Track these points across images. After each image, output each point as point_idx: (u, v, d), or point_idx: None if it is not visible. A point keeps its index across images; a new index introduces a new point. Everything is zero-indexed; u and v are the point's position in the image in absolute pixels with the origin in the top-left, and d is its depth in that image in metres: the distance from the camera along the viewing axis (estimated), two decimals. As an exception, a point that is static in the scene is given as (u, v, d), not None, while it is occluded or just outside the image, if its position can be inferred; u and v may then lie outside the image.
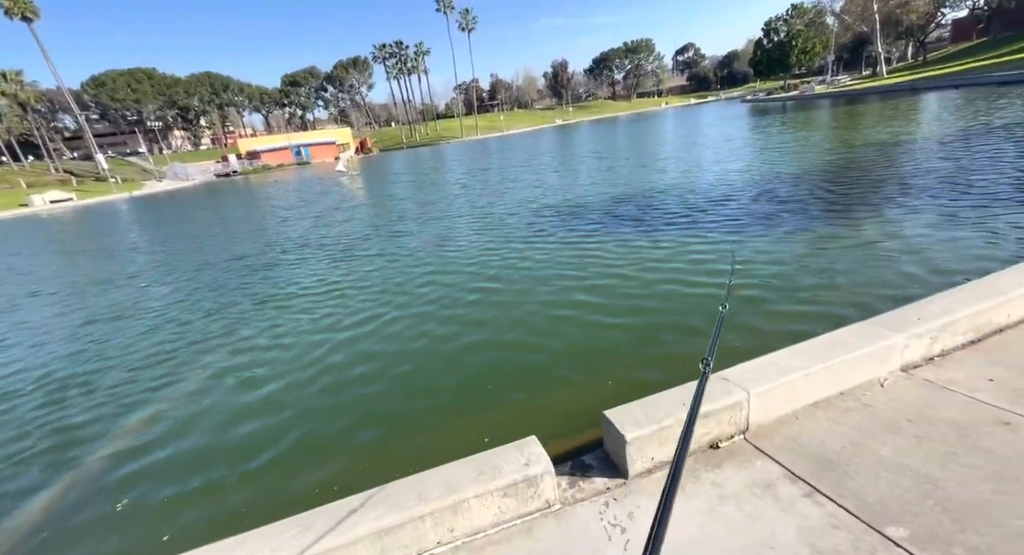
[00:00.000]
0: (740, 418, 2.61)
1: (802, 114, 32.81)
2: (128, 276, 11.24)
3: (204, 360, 5.81)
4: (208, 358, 5.85)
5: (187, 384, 5.29)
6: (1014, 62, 36.52)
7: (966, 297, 3.18)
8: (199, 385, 5.20)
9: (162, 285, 9.92)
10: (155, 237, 18.18)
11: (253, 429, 4.29)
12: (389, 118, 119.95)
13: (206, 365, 5.66)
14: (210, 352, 6.02)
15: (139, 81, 77.23)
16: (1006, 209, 7.02)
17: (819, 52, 69.64)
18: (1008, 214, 6.79)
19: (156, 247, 15.48)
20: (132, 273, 11.53)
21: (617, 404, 3.70)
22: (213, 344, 6.28)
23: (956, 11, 62.41)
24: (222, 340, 6.38)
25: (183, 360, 5.93)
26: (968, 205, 7.48)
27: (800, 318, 4.69)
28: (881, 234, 6.77)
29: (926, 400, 2.63)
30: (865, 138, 16.65)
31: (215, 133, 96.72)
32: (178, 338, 6.69)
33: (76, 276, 12.10)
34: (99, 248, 16.71)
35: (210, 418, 4.55)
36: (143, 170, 66.09)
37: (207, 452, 4.07)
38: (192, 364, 5.76)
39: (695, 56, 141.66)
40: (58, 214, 36.49)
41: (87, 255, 15.48)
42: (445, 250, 9.48)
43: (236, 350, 5.98)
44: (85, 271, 12.62)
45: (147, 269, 11.84)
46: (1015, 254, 5.46)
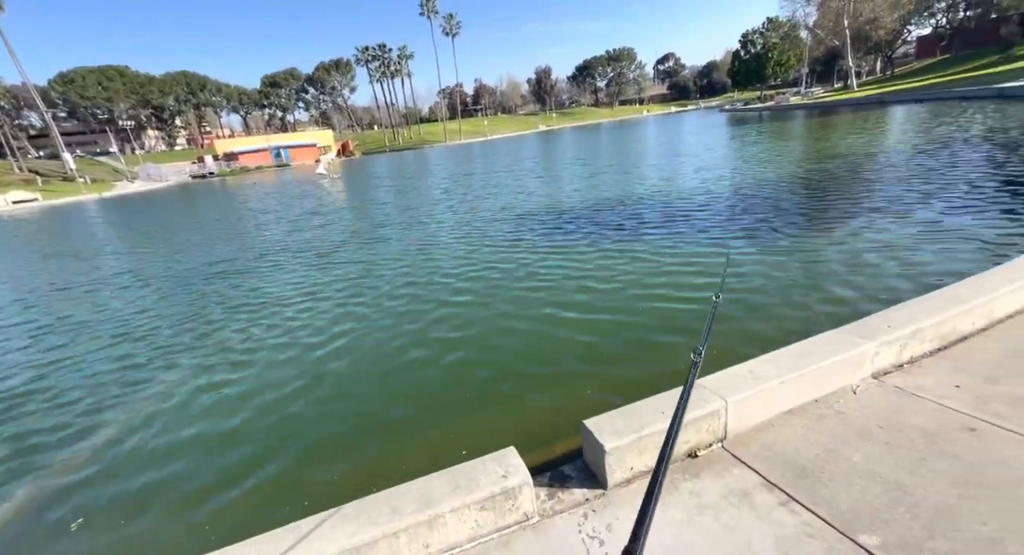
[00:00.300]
0: (718, 426, 2.63)
1: (778, 124, 33.78)
2: (91, 281, 10.81)
3: (169, 371, 5.58)
4: (174, 369, 5.63)
5: (150, 396, 5.08)
6: (973, 79, 38.38)
7: (932, 306, 3.28)
8: (163, 398, 4.99)
9: (128, 290, 9.56)
10: (123, 240, 17.56)
11: (218, 443, 4.13)
12: (372, 121, 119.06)
13: (171, 376, 5.45)
14: (176, 363, 5.80)
15: (110, 79, 74.95)
16: (973, 219, 7.31)
17: (794, 64, 72.04)
18: (974, 223, 7.07)
19: (123, 250, 14.95)
20: (96, 278, 11.09)
21: (597, 412, 3.69)
22: (180, 354, 6.06)
23: (921, 29, 65.41)
24: (190, 349, 6.16)
25: (147, 371, 5.70)
26: (936, 214, 7.77)
27: (775, 325, 4.78)
28: (854, 242, 6.97)
29: (896, 407, 2.69)
30: (839, 149, 17.21)
31: (191, 133, 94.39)
32: (143, 348, 6.43)
33: (34, 281, 11.58)
34: (62, 251, 16.05)
35: (173, 432, 4.37)
36: (114, 170, 63.99)
37: (168, 466, 3.91)
38: (156, 376, 5.54)
39: (675, 65, 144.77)
40: (20, 215, 34.97)
41: (49, 258, 14.84)
42: (424, 257, 9.37)
43: (205, 360, 5.78)
44: (45, 275, 12.09)
45: (112, 274, 11.40)
46: (976, 261, 5.68)
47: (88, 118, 78.00)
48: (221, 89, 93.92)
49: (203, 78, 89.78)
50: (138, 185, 55.15)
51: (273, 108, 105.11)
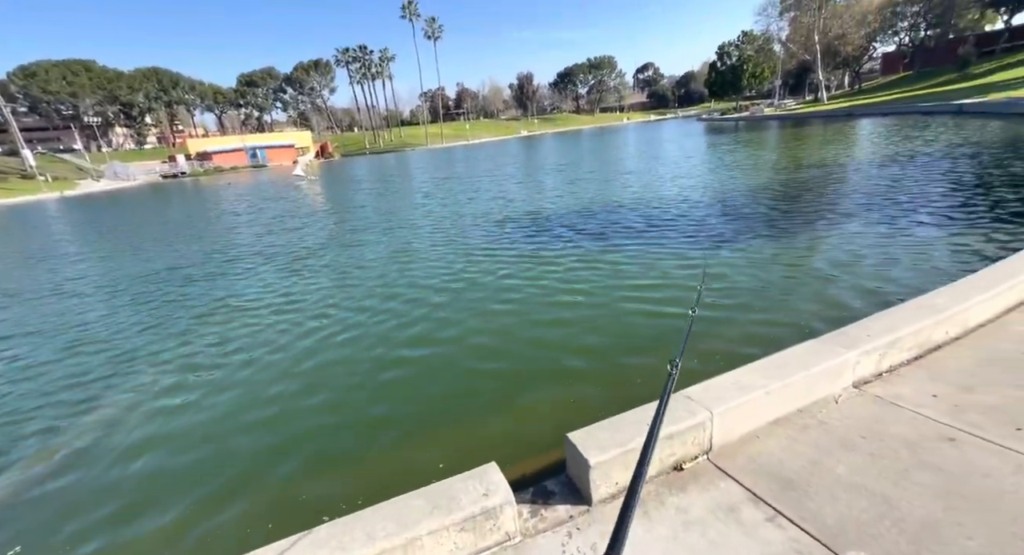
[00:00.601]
0: (703, 438, 2.58)
1: (754, 133, 34.74)
2: (47, 285, 10.24)
3: (129, 383, 5.27)
4: (134, 381, 5.31)
5: (108, 409, 4.78)
6: (934, 95, 40.32)
7: (909, 315, 3.32)
8: (121, 411, 4.70)
9: (87, 296, 9.08)
10: (82, 241, 16.77)
11: (180, 460, 3.90)
12: (352, 123, 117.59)
13: (132, 388, 5.14)
14: (137, 373, 5.48)
15: (76, 73, 72.06)
16: (944, 228, 7.56)
17: (767, 77, 74.40)
18: (948, 232, 7.30)
19: (82, 253, 14.23)
20: (52, 282, 10.52)
21: (580, 423, 3.59)
22: (142, 364, 5.74)
23: (885, 46, 68.44)
24: (153, 359, 5.84)
25: (107, 381, 5.37)
26: (911, 223, 8.02)
27: (758, 334, 4.79)
28: (832, 250, 7.13)
29: (877, 416, 2.69)
30: (814, 159, 17.74)
31: (162, 132, 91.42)
32: (99, 359, 6.04)
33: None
34: (12, 253, 15.21)
35: (130, 448, 4.10)
36: (78, 168, 61.37)
37: (122, 487, 3.66)
38: (117, 386, 5.23)
39: (654, 75, 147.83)
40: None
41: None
42: (401, 264, 9.13)
43: (167, 371, 5.47)
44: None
45: (70, 277, 10.83)
46: (951, 269, 5.86)
47: (51, 114, 74.68)
48: (195, 87, 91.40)
49: (175, 75, 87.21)
50: (104, 184, 53.01)
51: (249, 108, 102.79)
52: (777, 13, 63.40)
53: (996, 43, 53.90)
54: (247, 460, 3.79)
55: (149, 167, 63.39)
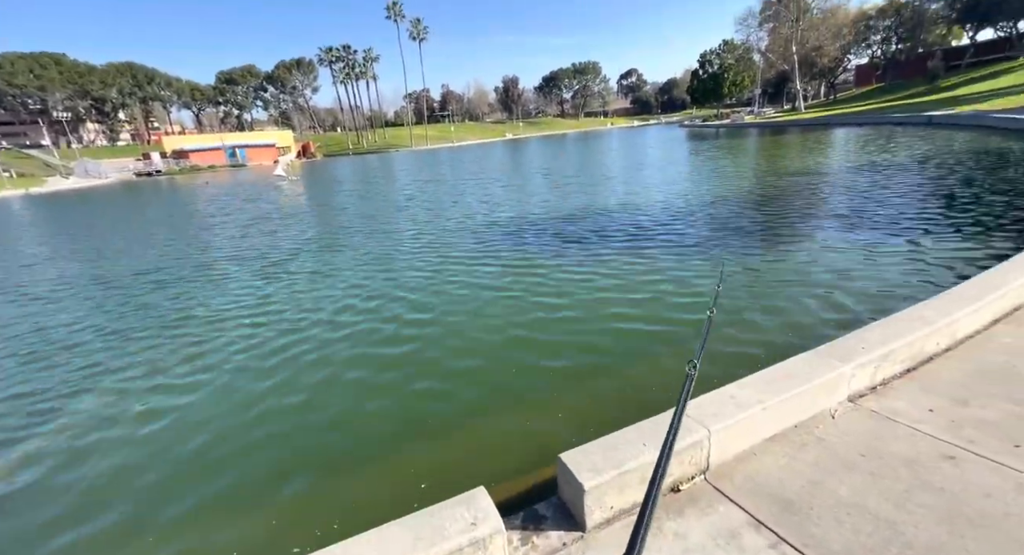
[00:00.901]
0: (701, 457, 2.48)
1: (735, 141, 35.38)
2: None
3: (87, 398, 4.92)
4: (93, 395, 4.96)
5: (66, 422, 4.47)
6: (905, 106, 41.76)
7: (901, 327, 3.29)
8: (83, 425, 4.40)
9: (48, 302, 8.61)
10: (43, 242, 16.04)
11: (145, 480, 3.64)
12: (335, 123, 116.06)
13: (93, 401, 4.82)
14: (98, 387, 5.13)
15: (44, 66, 69.45)
16: (935, 235, 7.67)
17: (748, 85, 76.14)
18: (934, 240, 7.41)
19: (45, 254, 13.57)
20: (5, 286, 9.95)
21: (571, 439, 3.46)
22: (104, 375, 5.40)
23: (859, 58, 70.76)
24: (117, 370, 5.51)
25: (60, 399, 5.01)
26: (893, 230, 8.15)
27: (751, 343, 4.73)
28: (819, 257, 7.18)
29: (875, 432, 2.63)
30: (795, 166, 18.09)
31: (136, 128, 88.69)
32: (63, 367, 5.70)
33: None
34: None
35: (92, 466, 3.82)
36: (46, 165, 59.04)
37: (83, 510, 3.39)
38: (77, 398, 4.90)
39: (638, 81, 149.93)
40: (-68, 211, 31.43)
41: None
42: (383, 271, 8.76)
43: (132, 383, 5.16)
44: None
45: (28, 281, 10.26)
46: (939, 277, 5.94)
47: (17, 108, 71.70)
48: (171, 83, 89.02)
49: (151, 70, 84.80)
50: (73, 182, 51.07)
51: (229, 106, 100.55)
52: (757, 23, 65.00)
53: (962, 58, 56.23)
54: (210, 484, 3.55)
55: (122, 165, 61.35)
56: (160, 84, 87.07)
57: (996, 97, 33.89)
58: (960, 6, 53.20)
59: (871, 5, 62.75)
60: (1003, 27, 54.04)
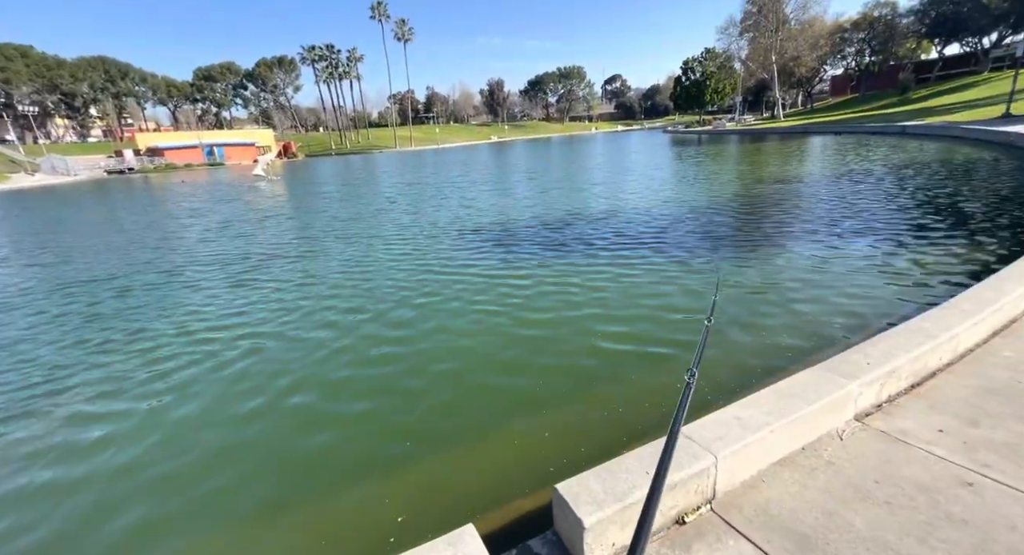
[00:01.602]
0: (707, 486, 2.30)
1: (716, 147, 35.90)
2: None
3: (32, 420, 4.52)
4: (34, 419, 4.55)
5: (11, 443, 4.08)
6: (879, 116, 43.09)
7: (904, 340, 3.19)
8: (28, 450, 4.02)
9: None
10: (15, 240, 15.16)
11: (78, 508, 3.30)
12: (318, 123, 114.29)
13: (38, 423, 4.41)
14: (36, 410, 4.71)
15: (10, 59, 66.69)
16: (922, 241, 7.71)
17: (729, 93, 77.62)
18: (922, 246, 7.43)
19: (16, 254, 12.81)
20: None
21: (563, 461, 3.26)
22: (53, 393, 5.00)
23: (834, 69, 72.83)
24: (67, 390, 5.08)
25: (15, 409, 4.63)
26: (879, 238, 8.19)
27: (748, 356, 4.58)
28: (805, 264, 7.15)
29: (886, 456, 2.50)
30: (777, 173, 18.33)
31: (108, 125, 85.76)
32: (10, 380, 5.28)
33: None
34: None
35: (35, 492, 3.47)
36: (11, 161, 56.54)
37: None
38: (25, 415, 4.50)
39: (622, 86, 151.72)
40: None
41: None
42: (359, 282, 8.10)
43: (78, 404, 4.73)
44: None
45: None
46: (925, 287, 5.93)
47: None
48: (146, 79, 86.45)
49: (124, 65, 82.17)
50: (39, 178, 48.98)
51: (207, 103, 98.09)
52: (738, 33, 66.36)
53: (932, 71, 58.41)
54: (173, 509, 3.23)
55: (93, 162, 59.12)
56: (134, 79, 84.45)
57: (964, 109, 35.18)
58: (929, 22, 55.30)
59: (846, 18, 64.74)
60: (968, 43, 56.37)
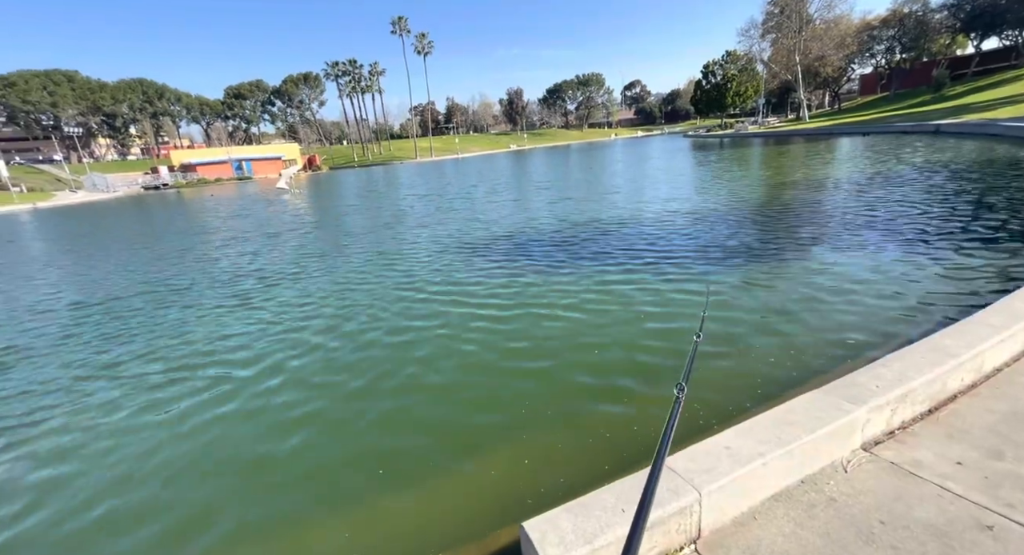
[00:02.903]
0: (690, 525, 2.12)
1: (739, 150, 35.06)
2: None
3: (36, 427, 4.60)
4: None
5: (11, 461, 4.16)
6: (910, 115, 41.36)
7: (919, 360, 2.93)
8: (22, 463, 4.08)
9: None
10: (27, 255, 15.89)
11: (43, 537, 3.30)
12: (341, 135, 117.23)
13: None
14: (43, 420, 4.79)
15: (57, 84, 70.95)
16: (949, 252, 7.21)
17: (751, 95, 75.98)
18: (950, 257, 6.95)
19: (18, 271, 13.21)
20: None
21: (535, 494, 3.06)
22: (50, 410, 5.07)
23: (863, 67, 70.57)
24: (49, 410, 5.10)
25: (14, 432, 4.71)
26: (907, 247, 7.74)
27: (747, 376, 4.31)
28: (828, 277, 6.80)
29: (896, 492, 2.26)
30: (801, 176, 17.71)
31: (146, 143, 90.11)
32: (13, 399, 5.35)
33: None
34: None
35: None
36: (56, 179, 59.93)
37: None
38: (28, 431, 4.60)
39: (642, 92, 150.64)
40: (-60, 225, 31.79)
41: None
42: (346, 302, 7.76)
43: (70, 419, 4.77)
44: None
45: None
46: (953, 300, 5.54)
47: (31, 124, 73.05)
48: (181, 98, 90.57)
49: (161, 86, 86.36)
50: (82, 195, 51.66)
51: (237, 120, 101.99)
52: (759, 34, 65.04)
53: (968, 67, 55.85)
54: (140, 538, 3.21)
55: (131, 178, 62.09)
56: (170, 99, 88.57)
57: (1004, 105, 33.44)
58: (964, 16, 53.01)
59: (874, 16, 62.74)
60: (1008, 36, 53.73)
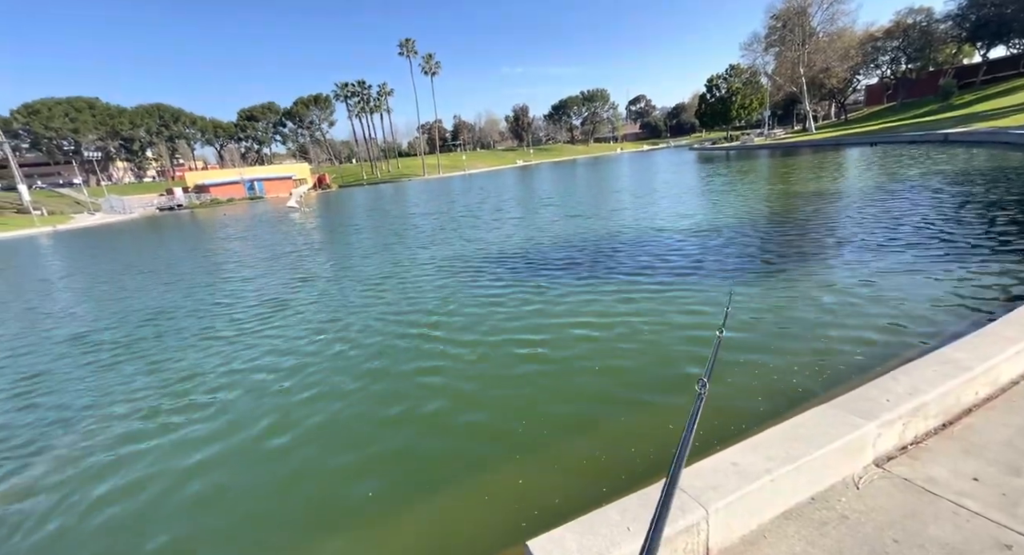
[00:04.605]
0: (697, 543, 2.08)
1: (746, 163, 35.06)
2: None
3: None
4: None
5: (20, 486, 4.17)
6: (919, 124, 41.22)
7: (931, 373, 2.88)
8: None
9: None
10: (30, 278, 16.19)
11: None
12: (351, 154, 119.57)
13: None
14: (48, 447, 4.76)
15: (79, 110, 73.58)
16: (962, 262, 7.09)
17: (756, 108, 76.39)
18: (962, 266, 6.83)
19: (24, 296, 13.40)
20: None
21: (541, 510, 3.05)
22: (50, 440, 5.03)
23: (868, 78, 70.64)
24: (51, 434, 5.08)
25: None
26: (912, 257, 7.65)
27: (756, 391, 4.27)
28: (831, 289, 6.73)
29: (910, 509, 2.21)
30: (809, 187, 17.66)
31: (162, 165, 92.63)
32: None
33: None
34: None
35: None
36: (76, 202, 61.61)
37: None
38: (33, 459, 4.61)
39: (646, 106, 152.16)
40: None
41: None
42: (345, 322, 7.69)
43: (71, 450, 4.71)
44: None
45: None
46: (964, 312, 5.45)
47: (53, 149, 75.66)
48: (195, 121, 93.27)
49: (177, 110, 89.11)
50: (99, 217, 53.01)
51: (249, 141, 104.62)
52: (762, 48, 65.64)
53: (976, 75, 55.70)
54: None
55: (147, 200, 63.65)
56: (185, 122, 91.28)
57: (1014, 113, 33.20)
58: (969, 26, 53.09)
59: (877, 27, 63.01)
60: (1016, 44, 53.65)
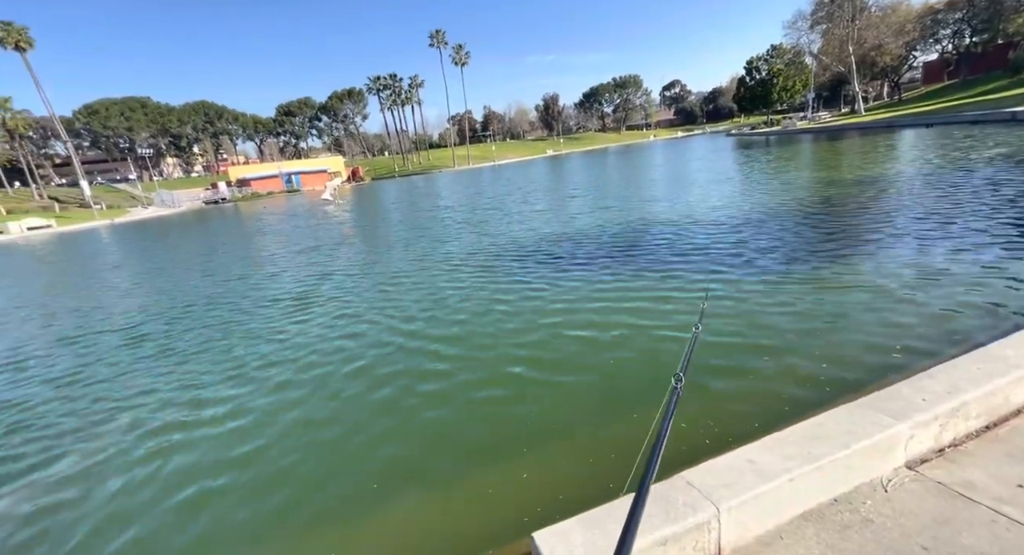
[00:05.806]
0: (709, 542, 2.04)
1: (787, 149, 33.34)
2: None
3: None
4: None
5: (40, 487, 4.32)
6: (983, 103, 37.95)
7: (975, 371, 2.69)
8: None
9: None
10: (68, 275, 17.02)
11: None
12: (383, 147, 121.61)
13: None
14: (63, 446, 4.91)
15: (132, 110, 78.02)
16: (1008, 257, 6.62)
17: (799, 90, 72.34)
18: (1006, 262, 6.37)
19: (66, 291, 13.77)
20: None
21: (550, 503, 3.04)
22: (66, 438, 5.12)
23: (926, 54, 65.57)
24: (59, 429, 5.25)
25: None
26: (961, 250, 7.12)
27: (776, 389, 4.05)
28: (873, 281, 6.36)
29: (942, 515, 2.08)
30: (852, 175, 16.67)
31: (208, 160, 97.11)
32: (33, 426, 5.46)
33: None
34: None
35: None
36: (131, 197, 65.60)
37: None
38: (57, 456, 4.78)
39: (681, 92, 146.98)
40: (34, 241, 35.60)
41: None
42: (368, 313, 7.82)
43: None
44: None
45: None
46: (1005, 308, 5.04)
47: (111, 147, 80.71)
48: (237, 118, 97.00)
49: (220, 108, 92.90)
50: (152, 211, 56.27)
51: (287, 136, 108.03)
52: (808, 26, 61.87)
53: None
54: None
55: (194, 194, 67.01)
56: (228, 119, 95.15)
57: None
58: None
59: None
60: (1099, 10, 48.38)
